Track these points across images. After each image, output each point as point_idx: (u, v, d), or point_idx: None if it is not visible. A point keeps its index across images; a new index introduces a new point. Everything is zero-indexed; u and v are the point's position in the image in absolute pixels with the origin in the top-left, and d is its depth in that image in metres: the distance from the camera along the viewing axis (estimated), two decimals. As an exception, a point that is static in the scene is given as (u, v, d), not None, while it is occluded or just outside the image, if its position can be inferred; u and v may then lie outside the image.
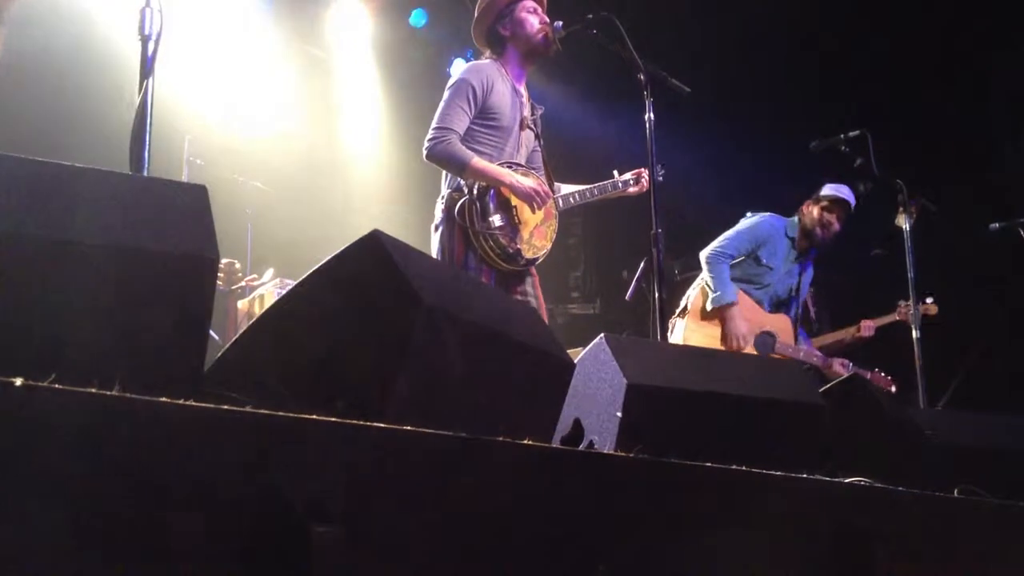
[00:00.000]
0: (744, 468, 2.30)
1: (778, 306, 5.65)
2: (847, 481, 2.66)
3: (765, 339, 5.47)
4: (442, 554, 1.68)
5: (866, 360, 6.10)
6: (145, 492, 1.37)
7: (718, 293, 5.36)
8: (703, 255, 5.50)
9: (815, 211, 5.68)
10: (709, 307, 5.38)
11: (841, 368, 5.67)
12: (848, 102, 7.07)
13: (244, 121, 7.06)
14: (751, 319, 5.45)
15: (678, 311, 5.53)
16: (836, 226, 5.65)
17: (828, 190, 5.71)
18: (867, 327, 6.32)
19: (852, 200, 5.65)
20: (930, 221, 5.75)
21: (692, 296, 5.49)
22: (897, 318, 6.12)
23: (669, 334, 5.20)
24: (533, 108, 4.45)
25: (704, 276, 5.47)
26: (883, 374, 5.99)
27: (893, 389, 5.98)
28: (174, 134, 6.10)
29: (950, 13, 6.94)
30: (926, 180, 5.73)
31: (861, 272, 7.11)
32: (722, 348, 5.33)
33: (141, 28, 2.86)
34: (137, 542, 1.35)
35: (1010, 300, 6.97)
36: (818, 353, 5.70)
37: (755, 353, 5.41)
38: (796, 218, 5.73)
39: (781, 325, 5.57)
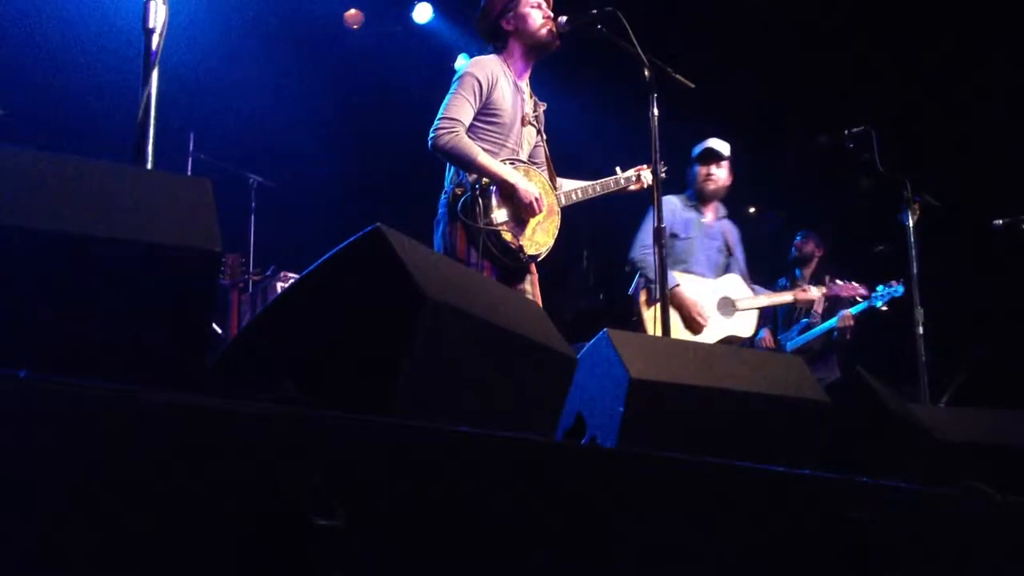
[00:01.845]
0: (746, 464, 2.30)
1: (722, 270, 5.69)
2: (849, 477, 2.66)
3: (724, 303, 5.51)
4: (444, 548, 1.68)
5: (870, 357, 6.10)
6: (147, 485, 1.37)
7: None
8: (630, 256, 5.58)
9: (695, 172, 5.77)
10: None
11: (806, 293, 5.72)
12: (852, 98, 7.06)
13: (249, 116, 7.06)
14: (701, 291, 5.51)
15: (635, 315, 5.51)
16: (717, 175, 5.72)
17: (695, 149, 5.75)
18: (846, 317, 6.28)
19: (717, 146, 5.72)
20: (934, 217, 5.75)
21: (640, 301, 5.49)
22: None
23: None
24: (536, 104, 4.44)
25: (643, 277, 5.47)
26: (853, 283, 6.02)
27: (865, 292, 6.01)
28: (179, 128, 6.11)
29: (954, 7, 6.93)
30: (930, 176, 5.72)
31: (865, 269, 7.11)
32: (689, 333, 5.40)
33: (145, 21, 2.86)
34: (137, 536, 1.36)
35: (1013, 296, 6.97)
36: (780, 292, 5.75)
37: (722, 319, 5.47)
38: (691, 191, 5.81)
39: (732, 283, 5.63)
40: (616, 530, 1.97)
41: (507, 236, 4.08)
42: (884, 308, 6.06)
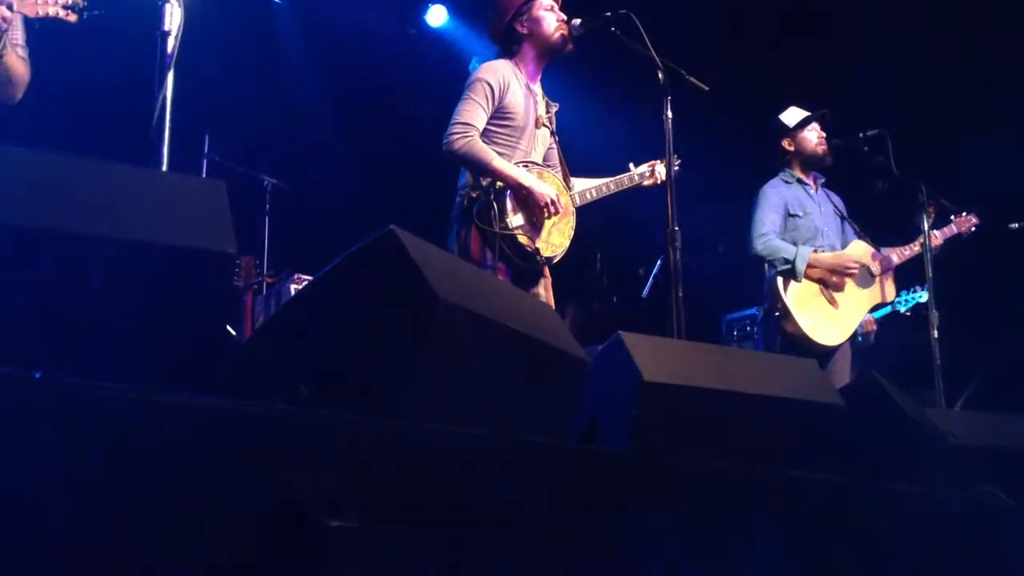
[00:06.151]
0: (759, 467, 2.29)
1: (844, 238, 5.59)
2: (865, 481, 2.65)
3: (862, 272, 5.42)
4: (455, 549, 1.68)
5: (885, 360, 6.07)
6: (160, 486, 1.38)
7: (793, 259, 5.28)
8: (752, 251, 5.37)
9: (803, 139, 5.59)
10: (800, 276, 5.27)
11: (931, 239, 5.50)
12: (867, 100, 7.03)
13: (263, 118, 7.08)
14: (837, 261, 5.40)
15: (779, 309, 5.33)
16: (823, 135, 5.59)
17: (791, 118, 5.62)
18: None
19: (807, 112, 5.61)
20: (948, 220, 5.72)
21: (779, 291, 5.31)
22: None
23: (776, 323, 5.28)
24: (548, 105, 4.44)
25: (773, 262, 5.34)
26: (964, 214, 5.81)
27: (976, 221, 5.79)
28: (193, 130, 6.12)
29: (969, 9, 6.89)
30: (945, 179, 5.69)
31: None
32: (838, 297, 5.31)
33: (161, 24, 2.87)
34: (151, 536, 1.36)
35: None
36: (905, 247, 5.60)
37: (865, 289, 5.39)
38: (785, 168, 5.64)
39: (861, 251, 5.50)
40: (627, 532, 1.97)
41: (523, 240, 4.08)
42: (907, 313, 5.98)
